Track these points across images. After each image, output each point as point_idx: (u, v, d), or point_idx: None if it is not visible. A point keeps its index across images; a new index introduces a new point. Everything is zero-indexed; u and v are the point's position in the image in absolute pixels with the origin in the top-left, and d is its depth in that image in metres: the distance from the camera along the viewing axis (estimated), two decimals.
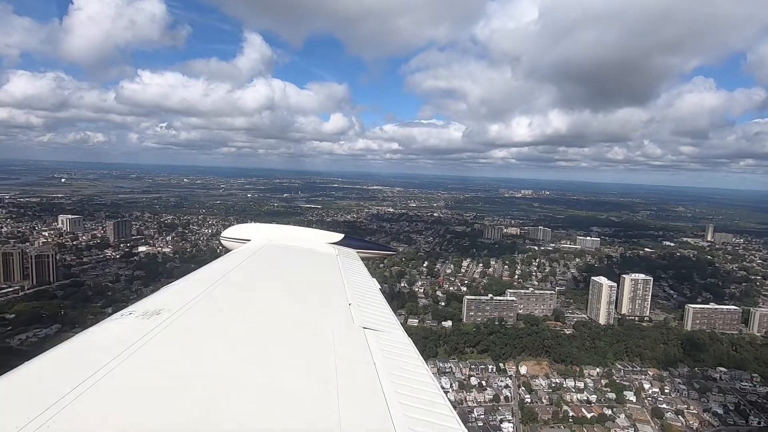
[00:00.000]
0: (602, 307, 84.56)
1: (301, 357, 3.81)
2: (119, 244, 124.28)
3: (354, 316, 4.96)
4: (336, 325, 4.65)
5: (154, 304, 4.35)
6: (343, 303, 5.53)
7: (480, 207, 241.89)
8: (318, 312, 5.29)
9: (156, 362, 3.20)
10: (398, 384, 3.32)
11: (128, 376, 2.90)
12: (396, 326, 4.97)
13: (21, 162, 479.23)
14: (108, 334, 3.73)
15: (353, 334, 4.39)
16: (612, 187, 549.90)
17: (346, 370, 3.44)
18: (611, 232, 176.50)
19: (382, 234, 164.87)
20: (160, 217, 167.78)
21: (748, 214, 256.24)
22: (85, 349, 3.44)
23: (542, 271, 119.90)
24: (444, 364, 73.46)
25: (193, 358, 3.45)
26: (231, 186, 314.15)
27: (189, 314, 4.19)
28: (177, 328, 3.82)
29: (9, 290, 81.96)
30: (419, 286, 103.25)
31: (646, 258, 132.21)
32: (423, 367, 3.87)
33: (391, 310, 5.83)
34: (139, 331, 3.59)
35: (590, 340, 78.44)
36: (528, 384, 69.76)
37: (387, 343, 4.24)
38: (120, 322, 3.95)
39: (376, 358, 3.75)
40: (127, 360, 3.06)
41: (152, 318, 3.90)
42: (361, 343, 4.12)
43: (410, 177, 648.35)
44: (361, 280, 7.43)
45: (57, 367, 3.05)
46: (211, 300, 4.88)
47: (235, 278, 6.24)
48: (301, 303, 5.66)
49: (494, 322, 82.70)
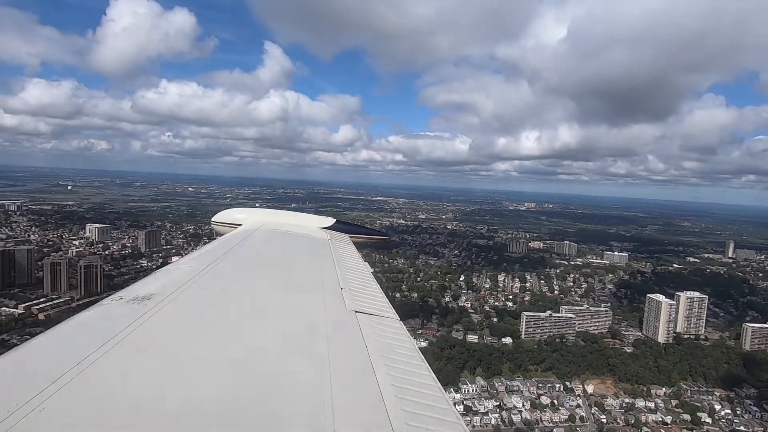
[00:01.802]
0: (661, 325, 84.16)
1: (293, 341, 3.72)
2: (152, 254, 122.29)
3: (346, 300, 4.90)
4: (328, 309, 4.58)
5: (144, 289, 4.30)
6: (335, 287, 5.43)
7: (488, 220, 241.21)
8: (309, 296, 5.15)
9: (146, 347, 3.14)
10: (390, 367, 3.26)
11: (118, 360, 2.84)
12: (389, 310, 4.88)
13: (23, 168, 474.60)
14: (98, 319, 3.70)
15: (345, 318, 4.34)
16: (612, 201, 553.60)
17: (337, 354, 3.39)
18: (632, 247, 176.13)
19: (408, 246, 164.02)
20: (182, 226, 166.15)
21: (754, 230, 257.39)
22: (75, 334, 3.38)
23: (579, 286, 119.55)
24: (511, 382, 72.45)
25: (183, 343, 3.41)
26: (237, 195, 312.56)
27: (179, 299, 4.16)
28: (167, 312, 3.78)
29: (60, 301, 79.85)
30: (464, 300, 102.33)
31: (678, 274, 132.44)
32: (415, 350, 3.81)
33: (383, 294, 5.72)
34: (130, 316, 3.54)
35: (653, 359, 77.80)
36: (600, 404, 68.84)
37: (379, 327, 4.18)
38: (110, 307, 3.89)
39: (368, 342, 3.70)
40: (118, 345, 2.99)
41: (143, 303, 3.87)
42: (353, 327, 4.06)
43: (412, 188, 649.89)
44: (353, 264, 7.31)
45: (47, 351, 3.02)
46: (201, 284, 4.81)
47: (226, 263, 6.18)
48: (292, 287, 5.55)
49: (555, 339, 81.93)
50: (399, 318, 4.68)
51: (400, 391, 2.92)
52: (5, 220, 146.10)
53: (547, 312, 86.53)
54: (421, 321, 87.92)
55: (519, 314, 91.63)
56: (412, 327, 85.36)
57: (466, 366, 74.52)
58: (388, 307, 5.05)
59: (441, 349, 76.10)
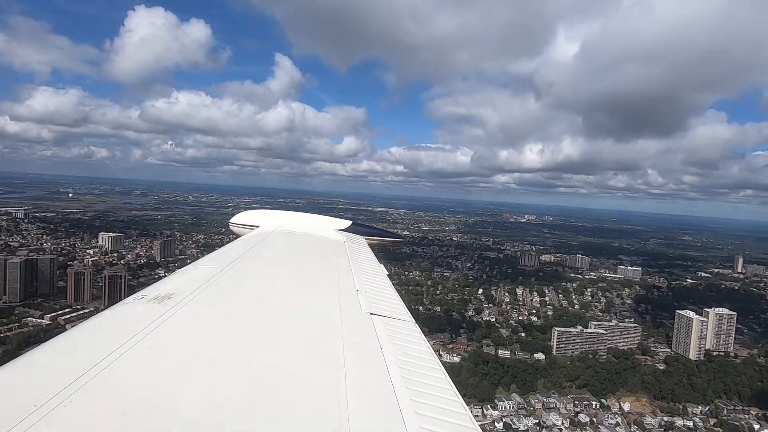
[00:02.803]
0: (692, 342, 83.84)
1: (309, 342, 3.78)
2: (167, 264, 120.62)
3: (362, 302, 4.92)
4: (344, 311, 4.58)
5: (165, 288, 4.34)
6: (350, 289, 5.48)
7: (492, 232, 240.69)
8: (326, 298, 5.22)
9: (167, 346, 3.16)
10: (405, 369, 3.28)
11: (139, 359, 2.88)
12: (404, 313, 4.89)
13: (22, 175, 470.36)
14: (120, 318, 3.71)
15: (361, 320, 4.36)
16: (610, 214, 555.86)
17: (353, 356, 3.40)
18: (641, 261, 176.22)
19: (420, 258, 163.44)
20: (192, 236, 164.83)
21: (755, 244, 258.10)
22: (97, 333, 3.39)
23: (598, 301, 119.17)
24: (547, 399, 71.55)
25: (203, 342, 3.42)
26: (239, 204, 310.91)
27: (199, 299, 4.19)
28: (188, 312, 3.81)
29: (86, 311, 77.98)
30: (487, 314, 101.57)
31: (694, 290, 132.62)
32: (430, 353, 3.81)
33: (399, 296, 5.71)
34: (151, 315, 3.56)
35: (686, 376, 77.24)
36: (639, 422, 68.00)
37: (394, 329, 4.20)
38: (132, 306, 3.93)
39: (384, 344, 3.72)
40: (139, 344, 3.03)
41: (164, 302, 3.89)
42: (369, 329, 4.09)
43: (410, 199, 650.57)
44: (369, 267, 7.34)
45: (69, 350, 3.06)
46: (220, 285, 4.86)
47: (244, 263, 6.24)
48: (309, 288, 5.64)
49: (588, 355, 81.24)
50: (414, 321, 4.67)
51: (415, 394, 2.92)
52: (15, 228, 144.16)
53: (579, 327, 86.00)
54: (450, 335, 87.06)
55: (546, 329, 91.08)
56: (442, 341, 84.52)
57: (500, 382, 73.58)
58: (404, 309, 5.03)
59: (475, 364, 75.20)
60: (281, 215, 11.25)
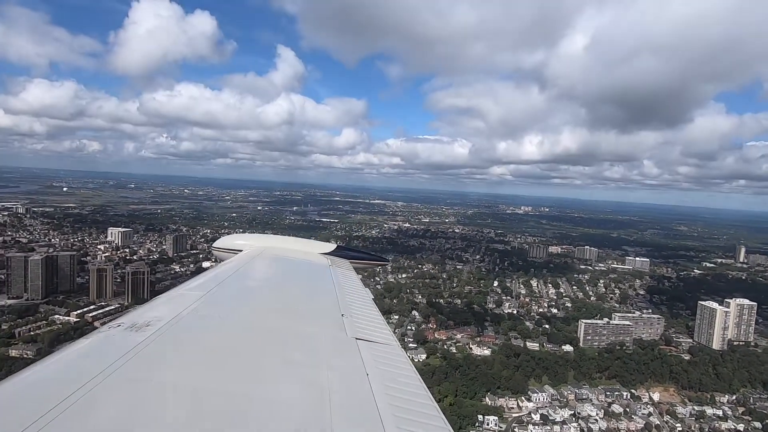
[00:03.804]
0: (716, 332, 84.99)
1: (293, 368, 3.72)
2: (180, 259, 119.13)
3: (347, 326, 4.90)
4: (329, 336, 4.62)
5: (142, 316, 4.28)
6: (335, 314, 5.47)
7: (491, 223, 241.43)
8: (310, 323, 5.24)
9: (143, 375, 3.10)
10: (391, 396, 3.24)
11: (114, 389, 2.82)
12: (389, 337, 4.90)
13: (12, 169, 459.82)
14: (96, 347, 3.64)
15: (346, 345, 4.34)
16: (604, 205, 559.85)
17: (338, 382, 3.37)
18: (645, 252, 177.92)
19: (428, 251, 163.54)
20: (198, 230, 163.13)
21: (748, 233, 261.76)
22: (73, 363, 3.33)
23: (612, 292, 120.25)
24: (579, 390, 72.13)
25: (182, 371, 3.36)
26: (236, 198, 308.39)
27: (178, 326, 4.12)
28: (166, 340, 3.73)
29: (111, 308, 76.63)
30: (508, 307, 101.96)
31: (702, 280, 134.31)
32: (416, 377, 3.80)
33: (384, 320, 5.70)
34: (127, 343, 3.48)
35: (711, 366, 78.35)
36: (672, 412, 68.90)
37: (380, 354, 4.19)
38: (108, 334, 3.87)
39: (369, 369, 3.69)
40: (114, 374, 2.97)
41: (141, 330, 3.81)
42: (354, 354, 4.07)
43: (405, 191, 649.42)
44: (353, 291, 7.35)
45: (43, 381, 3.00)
46: (201, 311, 4.79)
47: (226, 289, 6.22)
48: (293, 313, 5.62)
49: (615, 346, 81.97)
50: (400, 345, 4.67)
51: (401, 421, 2.89)
52: (19, 223, 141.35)
53: (605, 319, 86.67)
54: (477, 329, 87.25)
55: (569, 321, 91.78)
56: (470, 334, 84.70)
57: (533, 374, 74.01)
58: (389, 333, 5.02)
59: (507, 356, 75.51)
60: (264, 239, 11.30)
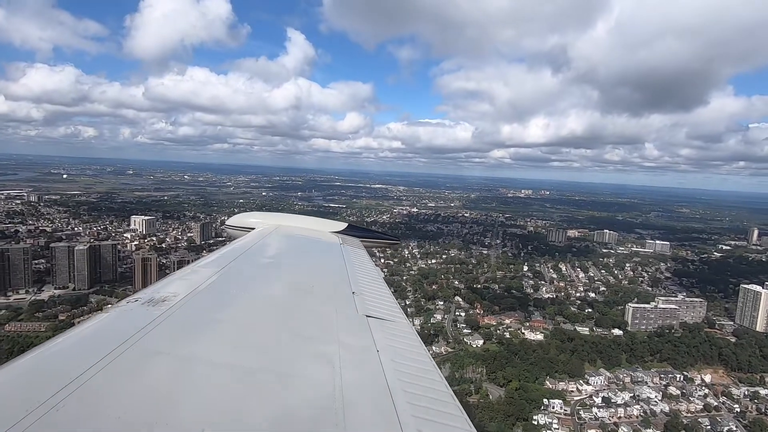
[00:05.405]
0: (760, 315, 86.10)
1: (305, 345, 3.76)
2: (209, 246, 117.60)
3: (357, 304, 4.94)
4: (340, 313, 4.62)
5: (159, 291, 4.35)
6: (346, 291, 5.52)
7: (497, 207, 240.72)
8: (321, 300, 5.25)
9: (160, 349, 3.14)
10: (401, 372, 3.30)
11: (132, 363, 2.87)
12: (399, 315, 4.93)
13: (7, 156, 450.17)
14: (113, 322, 3.71)
15: (357, 322, 4.38)
16: (603, 187, 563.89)
17: (349, 358, 3.42)
18: (658, 235, 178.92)
19: (448, 236, 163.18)
20: (216, 217, 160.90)
21: (749, 215, 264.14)
22: (90, 336, 3.38)
23: (640, 275, 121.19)
24: (634, 373, 72.88)
25: (197, 345, 3.39)
26: (238, 183, 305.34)
27: (193, 301, 4.21)
28: (183, 314, 3.81)
29: None
30: (545, 291, 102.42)
31: (724, 263, 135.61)
32: (426, 355, 3.83)
33: (394, 298, 5.78)
34: (145, 318, 3.55)
35: (758, 348, 79.50)
36: (727, 393, 69.89)
37: (390, 331, 4.22)
38: (125, 309, 3.92)
39: (380, 346, 3.73)
40: (132, 348, 3.02)
41: (157, 305, 3.88)
42: (365, 331, 4.11)
43: (404, 175, 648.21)
44: (364, 269, 7.39)
45: (62, 354, 3.06)
46: (215, 287, 4.87)
47: (239, 266, 6.31)
48: (304, 291, 5.60)
49: (665, 330, 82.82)
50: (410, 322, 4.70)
51: (411, 397, 2.92)
52: (36, 212, 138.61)
53: (652, 303, 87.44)
54: (524, 314, 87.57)
55: (611, 304, 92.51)
56: (518, 319, 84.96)
57: (587, 358, 74.61)
58: (399, 312, 5.04)
59: (561, 341, 75.93)
60: (277, 217, 11.20)
